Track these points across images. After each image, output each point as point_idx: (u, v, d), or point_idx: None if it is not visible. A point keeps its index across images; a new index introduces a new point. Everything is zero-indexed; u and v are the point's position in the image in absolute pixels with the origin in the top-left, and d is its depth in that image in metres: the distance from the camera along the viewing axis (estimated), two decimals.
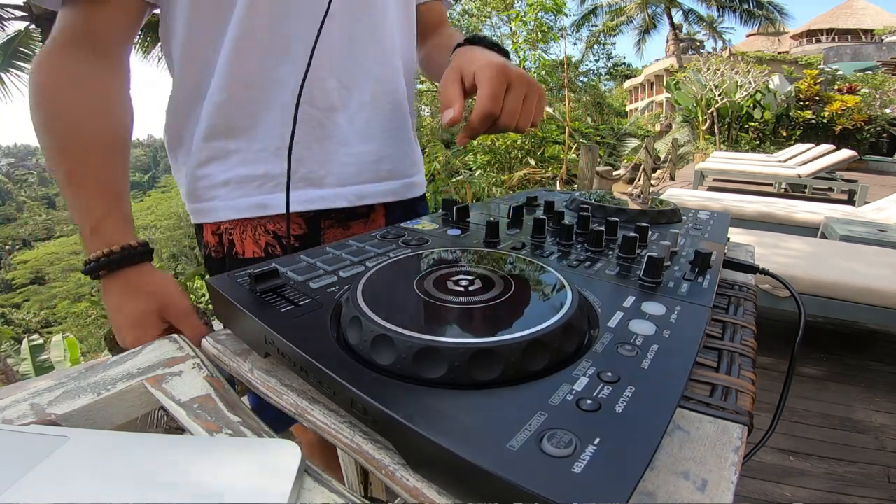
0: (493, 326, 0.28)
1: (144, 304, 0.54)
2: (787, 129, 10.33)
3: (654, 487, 0.23)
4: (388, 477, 0.24)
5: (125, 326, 0.53)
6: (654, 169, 7.67)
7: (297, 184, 0.63)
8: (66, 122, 0.52)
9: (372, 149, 0.68)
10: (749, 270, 0.52)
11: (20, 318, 15.98)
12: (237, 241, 0.65)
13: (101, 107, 0.54)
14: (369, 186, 0.69)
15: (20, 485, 0.24)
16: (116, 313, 0.54)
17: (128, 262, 0.53)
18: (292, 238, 0.65)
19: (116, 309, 0.54)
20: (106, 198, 0.54)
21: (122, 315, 0.53)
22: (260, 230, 0.64)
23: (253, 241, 0.64)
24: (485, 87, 0.50)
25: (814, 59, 17.46)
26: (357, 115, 0.66)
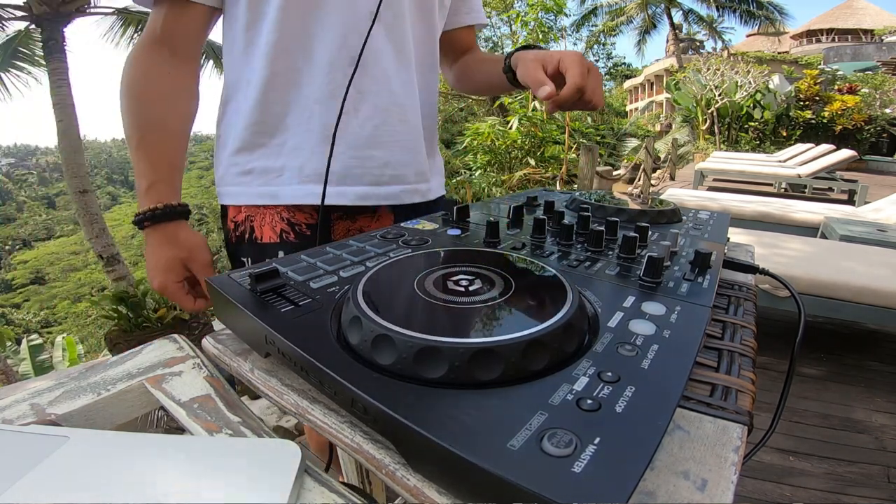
0: (493, 326, 0.28)
1: (174, 252, 0.66)
2: (787, 129, 10.33)
3: (654, 487, 0.23)
4: (389, 477, 0.24)
5: (155, 269, 0.66)
6: (654, 169, 7.66)
7: (305, 179, 0.69)
8: (144, 105, 0.65)
9: (378, 154, 0.72)
10: (749, 270, 0.52)
11: (20, 318, 15.97)
12: (256, 227, 0.73)
13: (173, 96, 0.67)
14: (371, 189, 0.73)
15: (20, 485, 0.24)
16: (151, 258, 0.66)
17: (167, 218, 0.65)
18: (304, 226, 0.72)
19: (152, 254, 0.66)
20: (163, 167, 0.66)
21: (154, 259, 0.66)
22: (276, 217, 0.72)
23: (270, 227, 0.72)
24: (574, 67, 0.61)
25: (814, 59, 17.46)
26: (368, 121, 0.70)
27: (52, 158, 32.97)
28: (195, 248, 0.67)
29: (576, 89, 0.61)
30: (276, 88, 0.67)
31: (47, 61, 5.91)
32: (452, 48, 0.91)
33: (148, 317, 2.35)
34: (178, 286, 0.66)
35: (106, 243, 5.21)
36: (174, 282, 0.66)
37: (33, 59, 7.14)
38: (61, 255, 17.99)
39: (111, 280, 5.14)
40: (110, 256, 5.17)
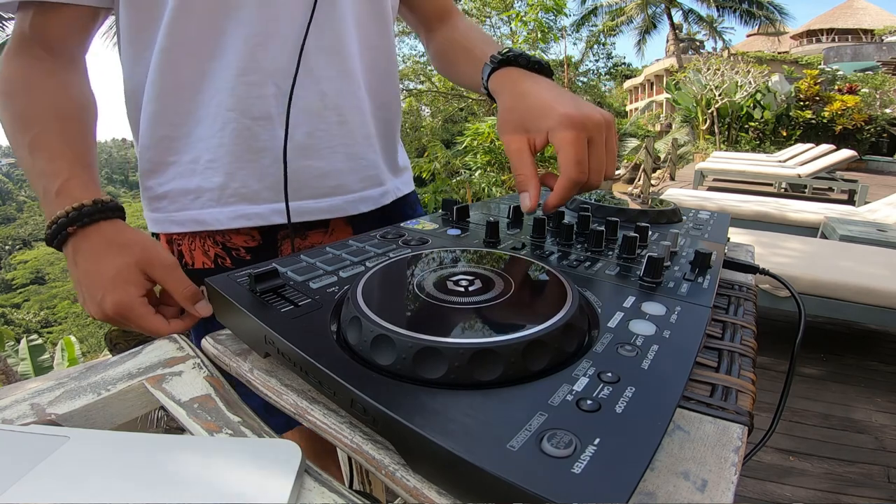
0: (493, 326, 0.28)
1: (124, 257, 0.46)
2: (787, 129, 10.33)
3: (654, 487, 0.23)
4: (388, 477, 0.24)
5: (102, 288, 0.45)
6: (654, 169, 7.66)
7: (228, 199, 0.60)
8: (30, 100, 0.52)
9: (313, 164, 0.62)
10: (749, 270, 0.52)
11: (20, 318, 15.98)
12: (185, 251, 0.63)
13: (62, 88, 0.54)
14: (311, 203, 0.64)
15: (20, 485, 0.24)
16: (92, 277, 0.46)
17: (100, 216, 0.47)
18: (243, 251, 0.63)
19: (91, 272, 0.46)
20: (72, 161, 0.50)
21: (98, 277, 0.45)
22: (208, 242, 0.63)
23: (202, 252, 0.63)
24: (568, 153, 0.45)
25: (814, 59, 17.46)
26: (297, 127, 0.60)
27: None
28: (149, 249, 0.47)
29: (572, 186, 0.46)
30: (180, 96, 0.57)
31: None
32: (424, 13, 0.77)
33: None
34: (143, 302, 0.45)
35: None
36: (138, 296, 0.45)
37: None
38: (61, 255, 17.99)
39: None
40: None
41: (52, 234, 0.47)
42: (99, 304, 0.45)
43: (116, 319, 0.46)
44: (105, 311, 0.45)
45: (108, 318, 0.46)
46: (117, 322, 0.47)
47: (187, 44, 0.55)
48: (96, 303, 0.45)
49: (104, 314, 0.45)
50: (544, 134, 0.47)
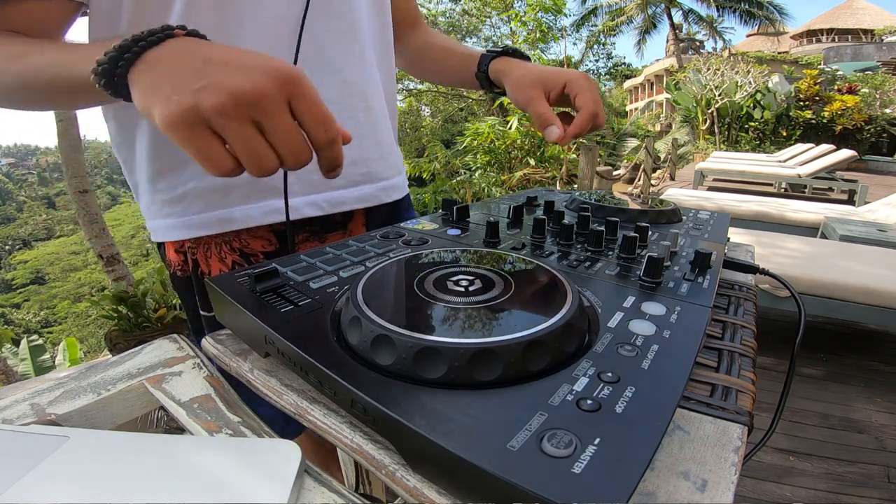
0: (492, 326, 0.28)
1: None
2: (787, 129, 10.33)
3: (654, 487, 0.23)
4: (388, 477, 0.24)
5: (259, 57, 0.34)
6: (654, 169, 7.66)
7: (261, 194, 0.58)
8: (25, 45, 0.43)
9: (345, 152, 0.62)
10: (749, 270, 0.52)
11: (20, 318, 15.98)
12: (201, 260, 0.60)
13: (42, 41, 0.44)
14: (344, 192, 0.63)
15: (20, 485, 0.24)
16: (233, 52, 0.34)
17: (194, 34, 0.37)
18: (261, 256, 0.60)
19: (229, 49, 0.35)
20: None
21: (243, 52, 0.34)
22: (225, 248, 0.59)
23: (219, 259, 0.59)
24: (587, 94, 0.58)
25: (814, 59, 17.46)
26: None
27: (52, 158, 33.00)
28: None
29: (591, 117, 0.57)
30: None
31: None
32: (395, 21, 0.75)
33: (148, 317, 2.36)
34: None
35: (106, 243, 5.21)
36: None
37: None
38: (61, 255, 18.00)
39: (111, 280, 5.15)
40: (110, 256, 5.17)
41: (154, 30, 0.35)
42: (255, 69, 0.33)
43: (270, 92, 0.32)
44: (264, 77, 0.32)
45: (255, 91, 0.32)
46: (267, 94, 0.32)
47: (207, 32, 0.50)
48: (247, 70, 0.33)
49: (262, 78, 0.32)
50: (561, 85, 0.59)
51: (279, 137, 0.33)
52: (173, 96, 0.32)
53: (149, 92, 0.33)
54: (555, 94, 0.60)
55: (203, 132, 0.32)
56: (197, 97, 0.31)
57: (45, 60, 0.41)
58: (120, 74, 0.35)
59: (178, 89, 0.32)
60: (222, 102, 0.31)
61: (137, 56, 0.34)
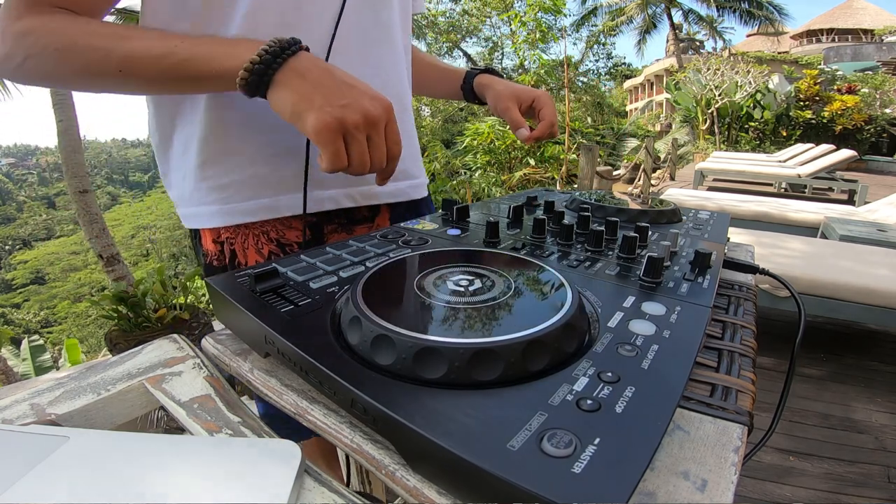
0: (492, 326, 0.28)
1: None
2: (787, 129, 10.33)
3: (654, 487, 0.23)
4: (388, 477, 0.24)
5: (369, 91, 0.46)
6: (654, 169, 7.66)
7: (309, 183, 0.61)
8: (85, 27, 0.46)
9: None
10: (749, 270, 0.52)
11: (20, 318, 15.98)
12: (238, 250, 0.62)
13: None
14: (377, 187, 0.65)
15: (20, 485, 0.24)
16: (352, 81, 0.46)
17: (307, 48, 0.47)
18: (295, 246, 0.64)
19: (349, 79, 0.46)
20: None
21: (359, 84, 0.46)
22: (262, 239, 0.62)
23: (255, 249, 0.62)
24: (548, 108, 0.77)
25: (814, 59, 17.45)
26: None
27: (52, 158, 32.99)
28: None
29: (550, 126, 0.76)
30: None
31: None
32: None
33: (148, 317, 2.36)
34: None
35: (106, 243, 5.22)
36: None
37: None
38: (61, 255, 18.01)
39: (111, 280, 5.15)
40: (110, 256, 5.18)
41: (291, 41, 0.45)
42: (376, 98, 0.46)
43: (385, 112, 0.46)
44: (384, 101, 0.46)
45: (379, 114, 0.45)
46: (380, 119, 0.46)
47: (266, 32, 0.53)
48: (375, 96, 0.46)
49: (383, 102, 0.46)
50: (530, 100, 0.77)
51: (375, 149, 0.46)
52: (326, 107, 0.43)
53: (303, 99, 0.43)
54: (525, 106, 0.78)
55: (339, 138, 0.44)
56: (343, 112, 0.43)
57: (163, 47, 0.45)
58: (269, 76, 0.44)
59: (329, 102, 0.43)
60: (358, 119, 0.43)
61: (284, 62, 0.44)
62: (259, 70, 0.43)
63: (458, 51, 17.59)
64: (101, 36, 0.46)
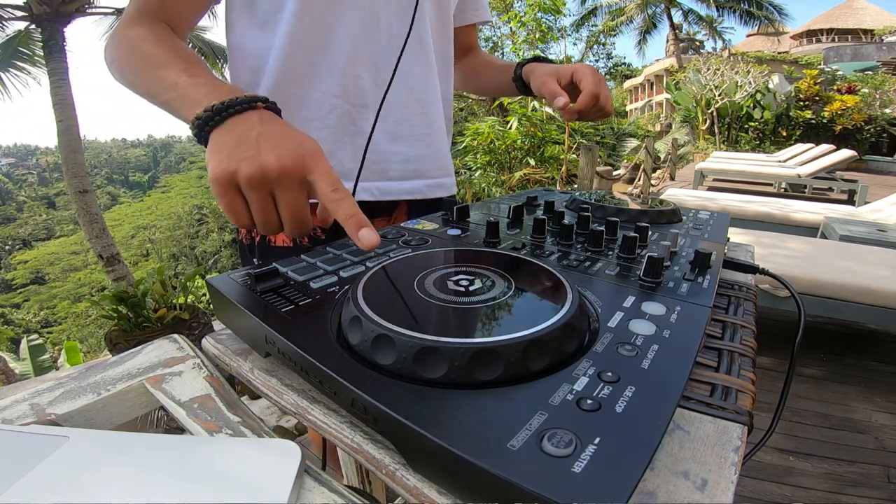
0: (493, 326, 0.28)
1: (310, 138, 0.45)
2: (787, 129, 10.33)
3: (654, 487, 0.23)
4: (389, 477, 0.24)
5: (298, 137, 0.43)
6: (654, 169, 7.66)
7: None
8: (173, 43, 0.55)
9: (400, 150, 0.71)
10: (749, 270, 0.52)
11: (20, 318, 15.98)
12: None
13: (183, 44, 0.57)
14: (393, 184, 0.72)
15: (20, 485, 0.24)
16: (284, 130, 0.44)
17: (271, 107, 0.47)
18: (319, 230, 0.68)
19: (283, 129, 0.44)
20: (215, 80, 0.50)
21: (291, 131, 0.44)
22: None
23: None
24: (587, 76, 0.70)
25: (814, 59, 17.45)
26: (388, 115, 0.68)
27: (52, 158, 33.00)
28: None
29: (592, 97, 0.68)
30: (292, 82, 0.65)
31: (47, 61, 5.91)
32: (458, 45, 0.90)
33: (148, 317, 2.36)
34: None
35: (106, 243, 5.22)
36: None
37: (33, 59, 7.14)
38: (61, 255, 18.01)
39: (111, 280, 5.15)
40: (110, 256, 5.18)
41: (241, 100, 0.44)
42: (294, 148, 0.42)
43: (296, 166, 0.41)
44: (297, 153, 0.41)
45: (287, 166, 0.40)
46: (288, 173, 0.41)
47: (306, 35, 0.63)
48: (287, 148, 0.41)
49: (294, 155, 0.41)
50: (570, 73, 0.72)
51: (285, 207, 0.41)
52: (223, 161, 0.41)
53: (213, 152, 0.42)
54: (565, 80, 0.73)
55: (235, 192, 0.41)
56: (239, 164, 0.40)
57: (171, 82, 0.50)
58: (206, 133, 0.44)
59: (230, 155, 0.41)
60: (252, 173, 0.40)
61: (220, 123, 0.44)
62: (198, 125, 0.44)
63: None
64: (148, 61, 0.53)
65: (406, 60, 0.67)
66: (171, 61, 0.52)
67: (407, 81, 0.70)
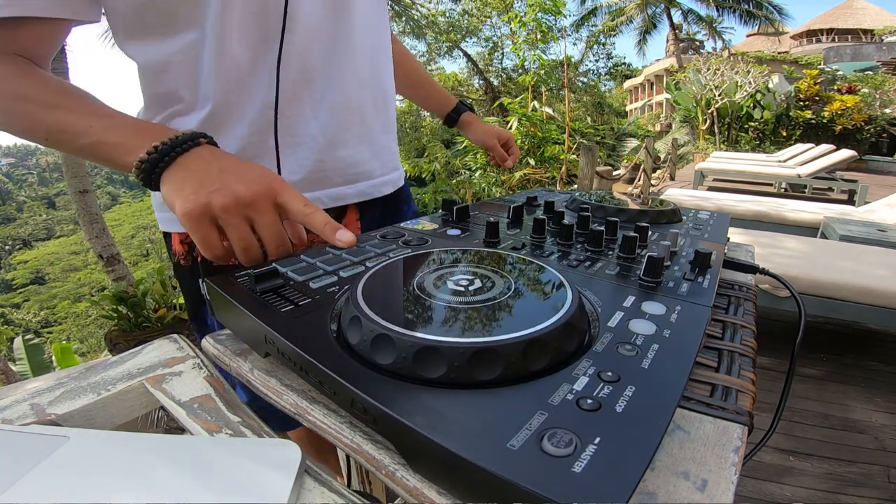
0: (493, 326, 0.28)
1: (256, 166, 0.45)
2: (787, 129, 10.32)
3: (654, 487, 0.23)
4: (388, 477, 0.24)
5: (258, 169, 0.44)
6: (654, 169, 7.66)
7: None
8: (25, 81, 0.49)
9: (344, 154, 0.70)
10: (749, 270, 0.52)
11: (20, 318, 15.98)
12: None
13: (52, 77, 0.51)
14: (344, 189, 0.71)
15: (20, 485, 0.24)
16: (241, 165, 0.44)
17: (212, 142, 0.47)
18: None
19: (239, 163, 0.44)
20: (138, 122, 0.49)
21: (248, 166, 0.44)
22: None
23: None
24: (514, 148, 1.10)
25: (814, 59, 17.45)
26: (328, 120, 0.66)
27: (52, 158, 32.98)
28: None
29: (515, 159, 1.08)
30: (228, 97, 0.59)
31: None
32: None
33: (148, 317, 2.36)
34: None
35: (106, 243, 5.22)
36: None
37: None
38: (61, 255, 18.01)
39: (111, 280, 5.15)
40: (110, 256, 5.18)
41: (185, 138, 0.44)
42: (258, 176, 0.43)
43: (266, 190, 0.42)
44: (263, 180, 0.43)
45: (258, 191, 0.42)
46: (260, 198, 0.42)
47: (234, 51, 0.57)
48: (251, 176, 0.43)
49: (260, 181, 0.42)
50: (506, 141, 1.08)
51: (265, 229, 0.43)
52: (191, 196, 0.41)
53: (175, 191, 0.42)
54: (500, 141, 1.06)
55: (209, 223, 0.41)
56: (210, 197, 0.41)
57: (81, 126, 0.47)
58: (157, 175, 0.44)
59: (196, 190, 0.41)
60: (227, 202, 0.41)
61: (172, 161, 0.44)
62: (146, 169, 0.43)
63: (458, 51, 17.60)
64: (33, 102, 0.48)
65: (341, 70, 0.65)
66: (63, 101, 0.48)
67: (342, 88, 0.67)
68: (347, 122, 0.69)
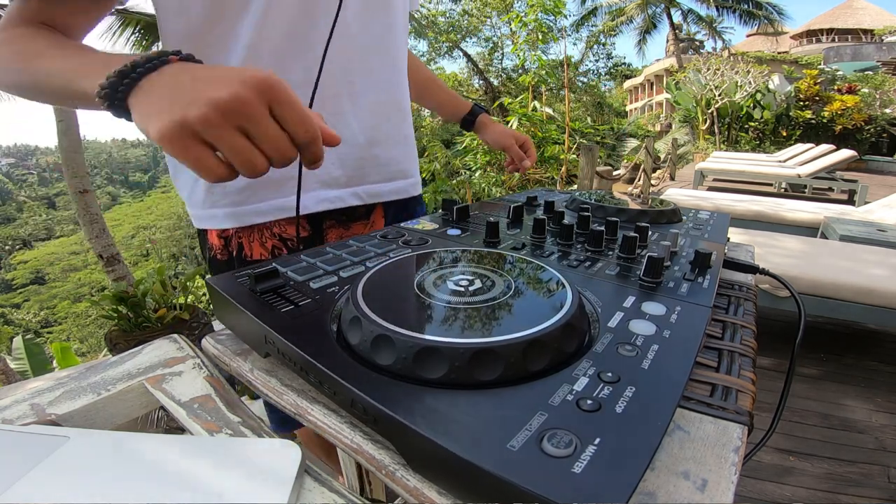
0: (493, 326, 0.28)
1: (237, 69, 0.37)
2: (787, 129, 10.32)
3: (654, 487, 0.23)
4: (389, 477, 0.24)
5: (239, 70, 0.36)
6: (654, 169, 7.66)
7: (311, 185, 0.66)
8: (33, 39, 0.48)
9: (379, 152, 0.72)
10: (749, 270, 0.52)
11: (20, 318, 15.98)
12: (245, 244, 0.67)
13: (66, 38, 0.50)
14: (381, 186, 0.73)
15: (20, 485, 0.24)
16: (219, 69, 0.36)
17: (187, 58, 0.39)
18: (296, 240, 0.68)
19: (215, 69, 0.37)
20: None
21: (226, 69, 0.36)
22: (266, 234, 0.66)
23: (260, 244, 0.66)
24: (532, 148, 1.07)
25: (814, 59, 17.44)
26: (366, 119, 0.68)
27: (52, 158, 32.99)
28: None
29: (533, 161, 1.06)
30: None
31: None
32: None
33: (148, 317, 2.35)
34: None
35: (106, 243, 5.22)
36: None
37: None
38: (61, 255, 18.02)
39: (111, 280, 5.15)
40: (110, 256, 5.18)
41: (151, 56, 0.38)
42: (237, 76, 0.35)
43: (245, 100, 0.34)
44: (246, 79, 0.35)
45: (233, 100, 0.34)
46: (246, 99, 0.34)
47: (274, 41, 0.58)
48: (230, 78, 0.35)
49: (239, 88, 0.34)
50: (523, 142, 1.06)
51: (263, 139, 0.35)
52: (164, 115, 0.34)
53: (144, 116, 0.36)
54: (518, 143, 1.04)
55: (194, 143, 0.34)
56: (184, 111, 0.34)
57: (56, 67, 0.44)
58: (119, 98, 0.38)
59: (169, 108, 0.34)
60: (205, 112, 0.33)
61: (135, 82, 0.37)
62: (107, 94, 0.38)
63: (458, 51, 17.59)
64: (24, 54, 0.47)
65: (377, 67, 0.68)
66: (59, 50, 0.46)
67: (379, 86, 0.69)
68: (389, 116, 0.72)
